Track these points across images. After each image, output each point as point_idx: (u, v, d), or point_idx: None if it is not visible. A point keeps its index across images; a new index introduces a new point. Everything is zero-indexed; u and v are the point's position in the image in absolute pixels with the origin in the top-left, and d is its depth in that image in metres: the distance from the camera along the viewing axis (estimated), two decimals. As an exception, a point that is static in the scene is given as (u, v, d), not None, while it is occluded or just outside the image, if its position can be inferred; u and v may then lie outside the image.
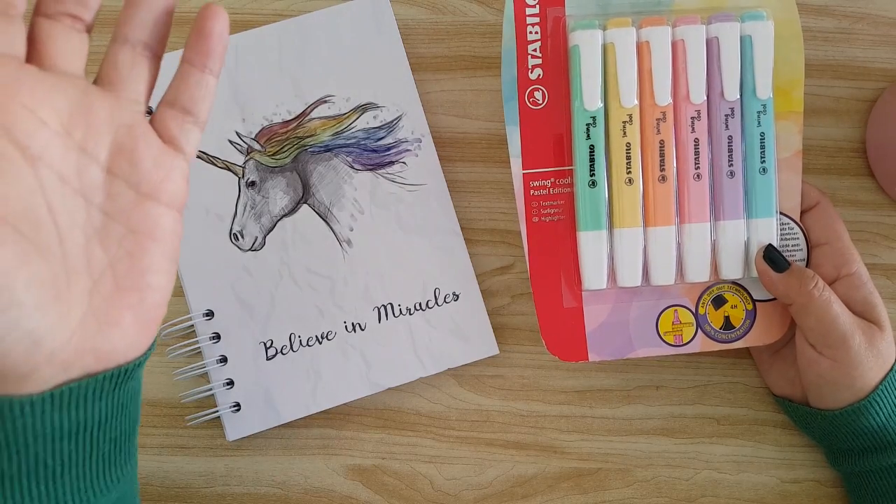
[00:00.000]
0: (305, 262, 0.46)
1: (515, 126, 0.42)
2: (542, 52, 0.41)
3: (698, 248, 0.41)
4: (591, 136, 0.40)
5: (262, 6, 0.48)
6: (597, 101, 0.40)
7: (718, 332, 0.42)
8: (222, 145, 0.46)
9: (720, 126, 0.41)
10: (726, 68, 0.40)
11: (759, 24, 0.40)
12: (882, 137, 0.46)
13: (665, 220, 0.41)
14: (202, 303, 0.46)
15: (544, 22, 0.41)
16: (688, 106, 0.40)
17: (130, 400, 0.29)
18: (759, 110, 0.41)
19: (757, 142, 0.41)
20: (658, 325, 0.42)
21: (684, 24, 0.40)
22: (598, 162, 0.41)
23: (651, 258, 0.41)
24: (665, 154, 0.41)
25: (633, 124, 0.40)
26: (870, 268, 0.46)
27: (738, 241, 0.41)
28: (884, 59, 0.47)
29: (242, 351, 0.46)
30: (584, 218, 0.41)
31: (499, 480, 0.46)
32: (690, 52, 0.40)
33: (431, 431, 0.46)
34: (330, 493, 0.46)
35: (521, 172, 0.42)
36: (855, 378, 0.39)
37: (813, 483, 0.45)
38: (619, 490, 0.45)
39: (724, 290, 0.42)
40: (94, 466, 0.27)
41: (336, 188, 0.46)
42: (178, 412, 0.46)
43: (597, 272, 0.41)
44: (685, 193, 0.41)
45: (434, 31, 0.48)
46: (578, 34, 0.40)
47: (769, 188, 0.41)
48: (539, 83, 0.41)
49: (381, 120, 0.47)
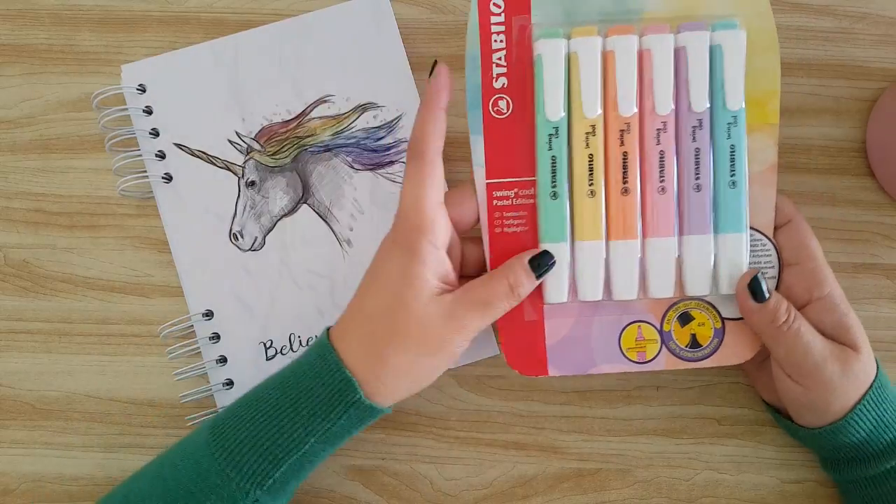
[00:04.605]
0: (305, 262, 0.46)
1: (479, 135, 0.40)
2: (507, 61, 0.40)
3: (662, 263, 0.40)
4: (553, 147, 0.39)
5: (262, 6, 0.48)
6: (559, 111, 0.39)
7: (684, 350, 0.41)
8: (222, 145, 0.46)
9: (687, 138, 0.39)
10: (694, 79, 0.39)
11: (730, 34, 0.39)
12: (882, 137, 0.46)
13: (628, 234, 0.40)
14: (202, 303, 0.46)
15: (510, 30, 0.40)
16: (653, 117, 0.39)
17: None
18: (729, 122, 0.39)
19: (726, 155, 0.39)
20: (621, 341, 0.41)
21: (652, 33, 0.39)
22: (560, 173, 0.39)
23: (613, 272, 0.40)
24: (629, 166, 0.39)
25: (597, 135, 0.39)
26: (870, 268, 0.46)
27: (704, 256, 0.40)
28: (884, 59, 0.47)
29: (242, 351, 0.46)
30: (546, 230, 0.40)
31: (499, 481, 0.46)
32: (657, 62, 0.39)
33: (431, 431, 0.46)
34: (330, 493, 0.46)
35: (484, 182, 0.40)
36: (830, 402, 0.38)
37: (813, 483, 0.45)
38: (619, 490, 0.45)
39: (692, 306, 0.41)
40: None
41: (336, 188, 0.46)
42: (178, 412, 0.46)
43: (558, 285, 0.40)
44: (649, 207, 0.40)
45: (434, 31, 0.48)
46: (542, 43, 0.39)
47: (739, 203, 0.40)
48: (503, 92, 0.40)
49: (381, 120, 0.47)
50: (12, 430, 0.46)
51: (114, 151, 0.47)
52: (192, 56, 0.47)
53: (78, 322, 0.47)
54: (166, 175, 0.46)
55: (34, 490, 0.46)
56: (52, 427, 0.46)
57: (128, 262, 0.47)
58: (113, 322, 0.47)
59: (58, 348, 0.47)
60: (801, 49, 0.47)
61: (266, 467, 0.37)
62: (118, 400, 0.46)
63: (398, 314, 0.37)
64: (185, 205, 0.46)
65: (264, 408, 0.38)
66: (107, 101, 0.47)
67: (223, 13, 0.48)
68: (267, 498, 0.37)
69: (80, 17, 0.48)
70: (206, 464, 0.37)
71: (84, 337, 0.47)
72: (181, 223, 0.46)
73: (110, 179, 0.47)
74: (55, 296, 0.47)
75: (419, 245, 0.37)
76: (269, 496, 0.37)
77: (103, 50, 0.48)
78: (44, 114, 0.48)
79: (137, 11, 0.48)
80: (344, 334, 0.38)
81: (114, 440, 0.46)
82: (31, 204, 0.47)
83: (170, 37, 0.48)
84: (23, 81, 0.48)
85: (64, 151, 0.48)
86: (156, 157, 0.46)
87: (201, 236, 0.46)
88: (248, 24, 0.47)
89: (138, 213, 0.47)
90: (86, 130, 0.48)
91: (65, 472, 0.46)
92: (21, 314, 0.47)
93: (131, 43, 0.48)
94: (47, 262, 0.47)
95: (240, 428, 0.37)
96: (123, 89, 0.47)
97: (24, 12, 0.48)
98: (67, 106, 0.48)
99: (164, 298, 0.47)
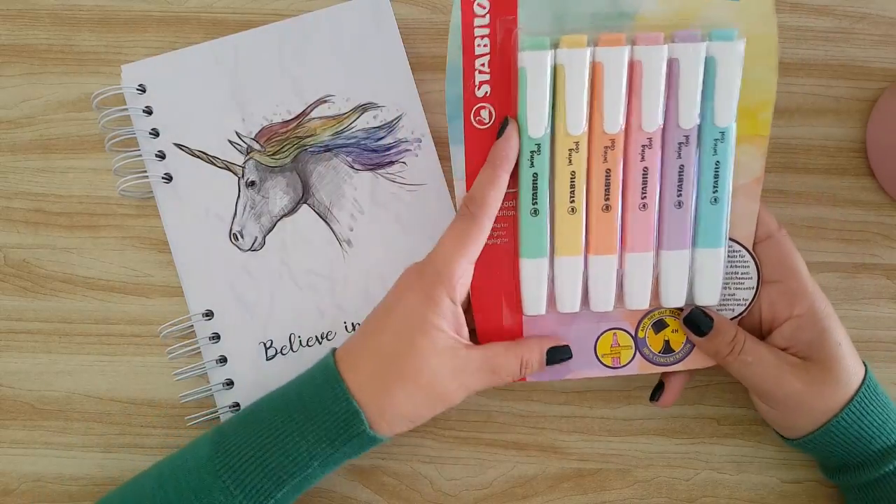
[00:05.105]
0: (305, 262, 0.46)
1: (460, 146, 0.39)
2: (491, 67, 0.38)
3: (639, 278, 0.40)
4: (535, 164, 0.38)
5: (262, 6, 0.48)
6: (542, 128, 0.38)
7: (657, 356, 0.42)
8: (222, 145, 0.46)
9: (672, 155, 0.38)
10: (684, 95, 0.37)
11: (726, 46, 0.37)
12: (882, 137, 0.46)
13: (607, 250, 0.40)
14: (202, 303, 0.46)
15: (494, 33, 0.38)
16: (639, 133, 0.38)
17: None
18: (716, 138, 0.38)
19: (710, 171, 0.39)
20: (596, 348, 0.42)
21: (644, 43, 0.37)
22: (542, 190, 0.39)
23: (591, 286, 0.40)
24: (611, 183, 0.39)
25: (580, 152, 0.38)
26: (870, 268, 0.46)
27: (681, 270, 0.40)
28: (884, 59, 0.47)
29: (242, 351, 0.46)
30: (526, 245, 0.40)
31: (499, 481, 0.46)
32: (647, 77, 0.37)
33: (431, 431, 0.46)
34: (330, 493, 0.46)
35: (465, 195, 0.39)
36: (795, 419, 0.39)
37: (813, 483, 0.45)
38: (620, 490, 0.45)
39: (666, 314, 0.41)
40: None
41: (336, 188, 0.46)
42: (178, 412, 0.46)
43: (537, 298, 0.40)
44: (629, 223, 0.39)
45: (434, 31, 0.48)
46: (527, 56, 0.37)
47: (719, 219, 0.39)
48: (486, 101, 0.39)
49: (381, 120, 0.47)
50: (12, 430, 0.46)
51: (114, 151, 0.47)
52: (192, 56, 0.47)
53: (78, 322, 0.47)
54: (166, 175, 0.46)
55: (34, 490, 0.46)
56: (52, 427, 0.46)
57: (128, 262, 0.47)
58: (113, 322, 0.47)
59: (58, 348, 0.47)
60: (801, 49, 0.47)
61: (269, 487, 0.37)
62: (118, 400, 0.46)
63: (410, 359, 0.38)
64: (185, 205, 0.46)
65: (270, 429, 0.38)
66: (107, 101, 0.47)
67: (223, 13, 0.48)
68: None
69: (80, 17, 0.48)
70: (210, 481, 0.37)
71: (84, 337, 0.47)
72: (181, 223, 0.46)
73: (110, 179, 0.47)
74: (55, 296, 0.47)
75: (440, 297, 0.38)
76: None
77: (103, 50, 0.48)
78: (44, 114, 0.48)
79: (137, 11, 0.48)
80: (353, 365, 0.39)
81: (114, 440, 0.46)
82: (31, 204, 0.47)
83: (170, 37, 0.48)
84: (23, 81, 0.48)
85: (64, 151, 0.48)
86: (156, 157, 0.46)
87: (201, 236, 0.46)
88: (248, 24, 0.47)
89: (138, 213, 0.47)
90: (86, 130, 0.48)
91: (65, 472, 0.46)
92: (21, 314, 0.47)
93: (131, 43, 0.48)
94: (47, 262, 0.47)
95: (244, 447, 0.38)
96: (123, 89, 0.47)
97: (23, 12, 0.48)
98: (67, 106, 0.48)
99: (164, 298, 0.47)
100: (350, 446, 0.38)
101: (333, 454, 0.38)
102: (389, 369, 0.38)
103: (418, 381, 0.38)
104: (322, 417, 0.38)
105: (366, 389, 0.38)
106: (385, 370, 0.38)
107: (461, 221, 0.39)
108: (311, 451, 0.37)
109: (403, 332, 0.38)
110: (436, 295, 0.38)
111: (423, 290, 0.38)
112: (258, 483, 0.37)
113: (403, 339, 0.38)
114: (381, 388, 0.38)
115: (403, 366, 0.38)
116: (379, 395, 0.38)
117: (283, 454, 0.37)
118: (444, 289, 0.38)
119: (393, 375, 0.38)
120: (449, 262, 0.38)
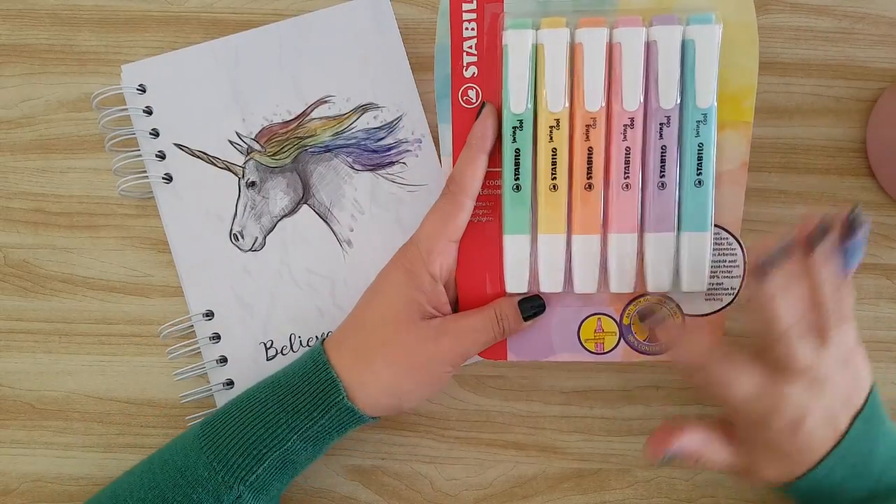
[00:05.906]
0: (305, 263, 0.46)
1: (448, 125, 0.41)
2: (478, 50, 0.40)
3: (623, 259, 0.40)
4: (517, 140, 0.39)
5: (262, 6, 0.48)
6: (523, 104, 0.39)
7: (642, 344, 0.42)
8: (222, 145, 0.46)
9: (654, 135, 0.39)
10: (663, 75, 0.38)
11: (704, 28, 0.38)
12: (882, 137, 0.46)
13: (590, 229, 0.40)
14: (202, 303, 0.46)
15: (481, 18, 0.40)
16: (621, 113, 0.39)
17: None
18: (698, 120, 0.38)
19: (693, 153, 0.39)
20: (580, 332, 0.42)
21: (624, 25, 0.38)
22: (524, 166, 0.39)
23: (574, 266, 0.40)
24: (593, 162, 0.39)
25: (561, 130, 0.39)
26: (870, 268, 0.46)
27: (666, 254, 0.40)
28: (884, 59, 0.47)
29: (242, 351, 0.46)
30: (509, 221, 0.40)
31: (499, 481, 0.46)
32: (626, 57, 0.38)
33: (431, 431, 0.46)
34: (330, 493, 0.46)
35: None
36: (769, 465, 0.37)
37: (813, 483, 0.45)
38: (620, 490, 0.45)
39: (653, 301, 0.41)
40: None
41: (336, 188, 0.46)
42: (178, 412, 0.46)
43: (519, 275, 0.41)
44: (612, 203, 0.39)
45: (434, 31, 0.48)
46: (509, 34, 0.39)
47: (704, 202, 0.39)
48: (473, 81, 0.40)
49: (382, 120, 0.47)
50: (12, 430, 0.46)
51: (114, 151, 0.47)
52: (192, 56, 0.47)
53: (78, 322, 0.47)
54: (166, 175, 0.46)
55: (34, 490, 0.46)
56: (52, 427, 0.46)
57: (128, 262, 0.47)
58: (113, 322, 0.47)
59: (58, 348, 0.47)
60: (801, 49, 0.47)
61: (249, 462, 0.38)
62: (118, 400, 0.46)
63: (389, 327, 0.39)
64: (185, 205, 0.46)
65: (253, 405, 0.39)
66: (107, 101, 0.47)
67: (223, 13, 0.48)
68: (250, 496, 0.38)
69: (80, 18, 0.48)
70: (195, 457, 0.38)
71: (84, 337, 0.47)
72: (181, 223, 0.46)
73: (110, 179, 0.47)
74: (55, 296, 0.47)
75: (420, 273, 0.39)
76: (252, 494, 0.38)
77: (103, 50, 0.48)
78: (44, 114, 0.48)
79: (137, 11, 0.48)
80: (338, 343, 0.40)
81: (113, 440, 0.46)
82: (31, 204, 0.47)
83: (170, 37, 0.48)
84: (23, 81, 0.48)
85: (64, 151, 0.48)
86: (156, 157, 0.46)
87: (201, 236, 0.46)
88: (248, 24, 0.47)
89: (138, 213, 0.47)
90: (86, 130, 0.48)
91: (65, 472, 0.46)
92: (21, 314, 0.47)
93: (131, 43, 0.48)
94: (47, 262, 0.47)
95: (228, 423, 0.39)
96: (123, 89, 0.47)
97: (23, 12, 0.48)
98: (67, 106, 0.48)
99: (164, 298, 0.47)
100: (328, 419, 0.38)
101: (312, 426, 0.38)
102: (370, 340, 0.39)
103: (397, 347, 0.39)
104: (301, 389, 0.39)
105: (347, 362, 0.39)
106: (365, 342, 0.39)
107: (442, 200, 0.40)
108: (289, 423, 0.38)
109: (384, 306, 0.40)
110: (416, 270, 0.39)
111: (404, 266, 0.40)
112: (238, 457, 0.38)
113: (384, 312, 0.40)
114: (361, 359, 0.39)
115: (383, 335, 0.39)
116: (359, 366, 0.39)
117: (262, 427, 0.38)
118: (424, 265, 0.39)
119: (373, 345, 0.39)
120: (429, 239, 0.40)
